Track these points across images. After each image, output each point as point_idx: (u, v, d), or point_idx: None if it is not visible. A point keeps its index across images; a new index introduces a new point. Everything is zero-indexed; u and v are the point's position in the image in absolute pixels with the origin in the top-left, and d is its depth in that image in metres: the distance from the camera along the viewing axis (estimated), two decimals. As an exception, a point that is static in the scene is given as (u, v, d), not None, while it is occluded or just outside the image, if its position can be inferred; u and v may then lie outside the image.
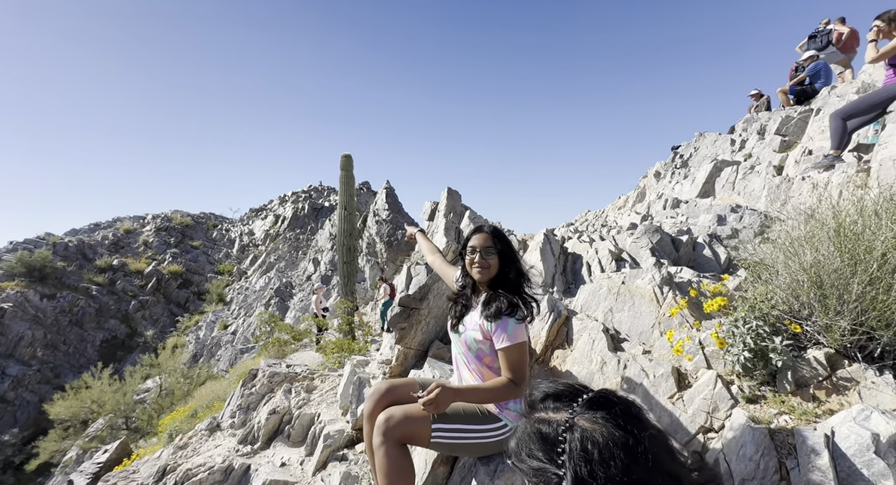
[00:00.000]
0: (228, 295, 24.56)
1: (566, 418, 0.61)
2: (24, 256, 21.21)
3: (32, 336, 18.93)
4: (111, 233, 29.01)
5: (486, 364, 1.70)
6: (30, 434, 16.76)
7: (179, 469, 2.82)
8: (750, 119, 8.30)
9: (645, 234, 3.78)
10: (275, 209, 35.23)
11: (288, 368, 4.75)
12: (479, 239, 1.72)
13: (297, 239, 27.40)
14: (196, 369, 16.69)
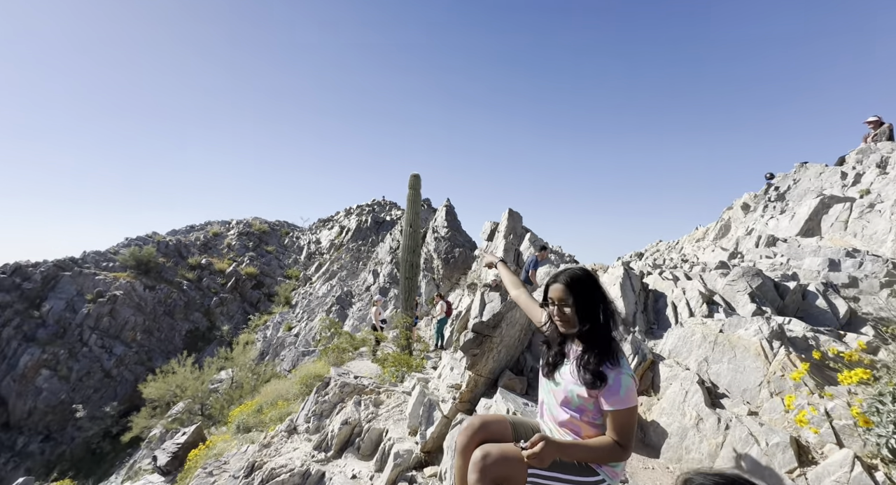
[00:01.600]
0: (294, 299, 26.32)
1: None
2: (135, 251, 24.63)
3: (135, 322, 21.73)
4: (202, 235, 32.74)
5: (587, 421, 1.62)
6: (124, 409, 19.05)
7: (265, 467, 3.05)
8: (866, 150, 7.33)
9: (742, 276, 3.46)
10: (340, 220, 37.48)
11: (356, 379, 4.95)
12: (556, 291, 1.62)
13: (359, 250, 28.78)
14: (262, 366, 17.97)
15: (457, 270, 21.27)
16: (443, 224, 23.82)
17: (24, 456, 17.21)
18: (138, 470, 13.51)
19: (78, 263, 24.04)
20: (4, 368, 18.55)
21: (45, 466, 17.06)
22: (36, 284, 21.45)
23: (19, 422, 18.03)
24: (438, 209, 25.13)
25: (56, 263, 22.94)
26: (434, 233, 23.12)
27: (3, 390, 18.17)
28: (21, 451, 17.30)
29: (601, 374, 1.52)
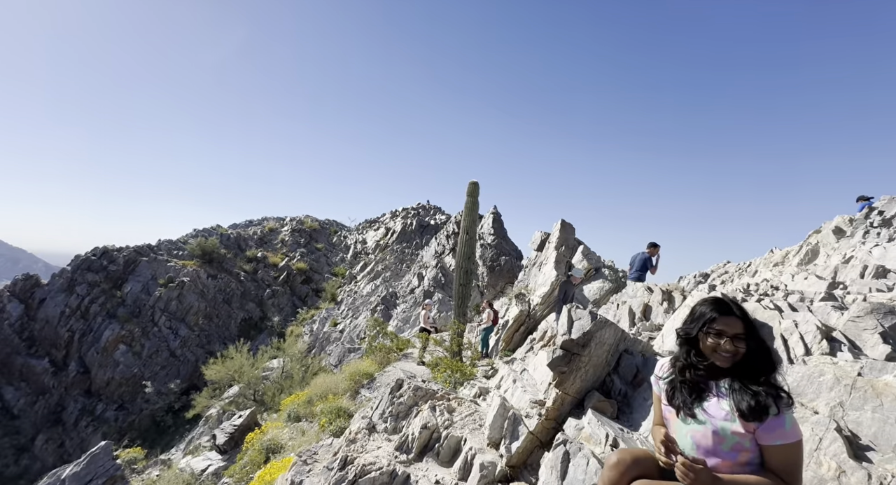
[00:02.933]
0: (340, 296, 27.30)
1: None
2: (202, 241, 26.74)
3: (198, 307, 23.53)
4: (259, 229, 34.92)
5: (743, 463, 1.54)
6: (185, 387, 20.63)
7: (356, 463, 3.18)
8: None
9: (871, 313, 3.15)
10: (386, 222, 38.49)
11: (424, 383, 5.04)
12: (730, 324, 1.53)
13: (403, 252, 29.36)
14: (310, 359, 18.76)
15: (502, 279, 21.09)
16: (489, 231, 23.75)
17: (101, 421, 19.09)
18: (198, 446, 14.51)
19: (153, 249, 26.45)
20: (90, 339, 20.73)
21: (117, 431, 18.82)
22: (118, 266, 23.84)
23: (99, 390, 20.05)
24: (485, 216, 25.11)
25: (136, 249, 25.39)
26: (480, 240, 23.11)
27: (89, 360, 20.30)
28: (99, 416, 19.21)
29: (765, 406, 1.44)
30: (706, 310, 1.61)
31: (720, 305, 1.61)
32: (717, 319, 1.56)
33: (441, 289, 21.52)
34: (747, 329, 1.55)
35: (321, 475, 3.24)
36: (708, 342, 1.57)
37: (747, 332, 1.55)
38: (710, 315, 1.58)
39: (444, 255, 24.34)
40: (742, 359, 1.55)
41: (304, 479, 3.12)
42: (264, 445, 8.62)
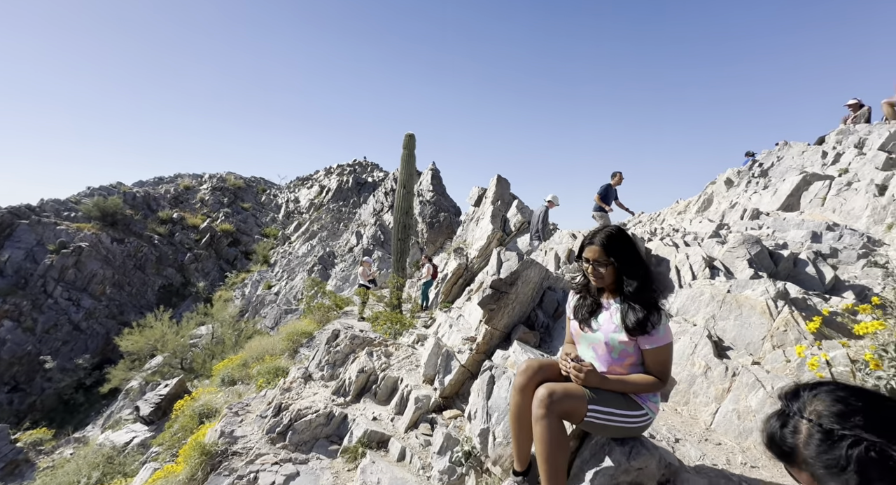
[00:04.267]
0: (273, 257, 25.90)
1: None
2: (100, 201, 23.20)
3: (103, 275, 20.89)
4: (172, 188, 31.08)
5: (628, 365, 1.80)
6: (97, 361, 18.74)
7: (291, 408, 3.18)
8: (845, 131, 7.71)
9: (742, 244, 3.73)
10: (320, 180, 36.35)
11: (362, 332, 5.09)
12: (591, 252, 1.77)
13: (340, 211, 28.27)
14: (243, 323, 17.93)
15: (441, 234, 21.39)
16: (428, 188, 23.58)
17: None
18: (118, 420, 13.56)
19: (35, 211, 22.47)
20: (-38, 318, 17.66)
21: (14, 415, 16.82)
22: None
23: (-16, 373, 17.48)
24: (424, 173, 24.75)
25: (10, 210, 21.35)
26: (419, 196, 22.92)
27: (-36, 341, 17.40)
28: (-12, 401, 16.92)
29: (645, 322, 1.69)
30: (581, 241, 1.83)
31: (589, 236, 1.82)
32: (584, 248, 1.78)
33: (381, 247, 21.35)
34: (607, 255, 1.75)
35: (254, 424, 3.21)
36: (582, 267, 1.84)
37: (608, 257, 1.75)
38: (581, 244, 1.83)
39: (382, 212, 23.89)
40: (617, 280, 1.78)
41: (236, 428, 3.07)
42: (196, 410, 8.28)
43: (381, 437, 3.13)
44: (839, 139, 7.42)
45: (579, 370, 1.71)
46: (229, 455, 2.70)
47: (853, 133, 7.33)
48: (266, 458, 2.70)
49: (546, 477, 1.65)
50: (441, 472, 2.63)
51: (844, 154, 6.71)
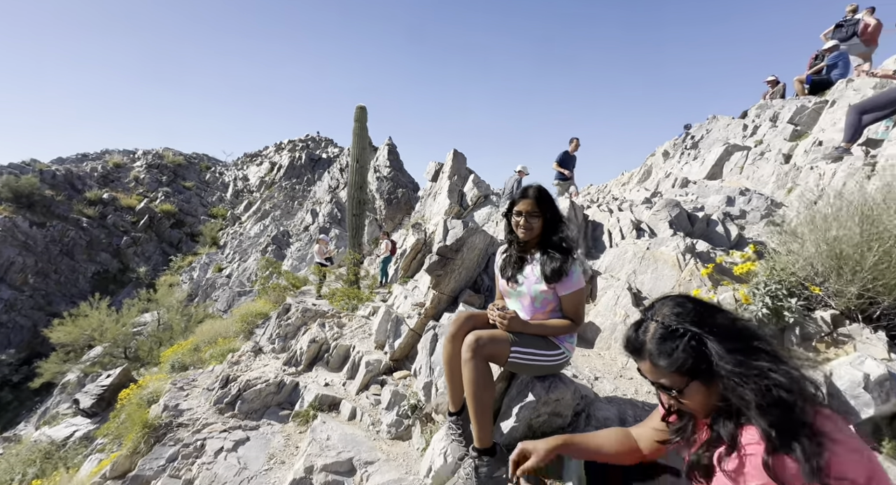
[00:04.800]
0: (222, 239, 24.54)
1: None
2: (11, 180, 20.54)
3: (23, 263, 18.83)
4: (100, 165, 28.07)
5: (548, 311, 2.00)
6: (24, 356, 17.19)
7: (240, 380, 3.18)
8: (764, 105, 8.44)
9: (665, 208, 4.09)
10: (270, 156, 34.36)
11: (314, 306, 5.08)
12: (525, 204, 1.92)
13: (294, 189, 27.08)
14: (193, 308, 17.08)
15: (400, 211, 21.21)
16: (385, 164, 23.07)
17: None
18: (55, 415, 12.69)
19: (-72, 193, 19.57)
20: None
21: (-71, 420, 15.22)
22: None
23: None
24: (380, 148, 24.11)
25: None
26: (376, 173, 22.42)
27: None
28: None
29: (561, 269, 1.88)
30: (515, 197, 1.96)
31: (521, 191, 1.97)
32: (517, 202, 1.92)
33: (338, 225, 20.86)
34: (539, 208, 1.91)
35: (200, 397, 3.18)
36: (512, 220, 1.98)
37: (539, 209, 1.91)
38: (514, 199, 1.97)
39: (338, 189, 23.19)
40: (543, 233, 1.95)
41: (181, 402, 3.03)
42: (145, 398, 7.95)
43: (332, 400, 3.23)
44: (758, 113, 8.12)
45: (503, 318, 1.87)
46: (174, 427, 2.69)
47: (770, 107, 8.03)
48: (214, 427, 2.71)
49: (473, 413, 1.82)
50: (389, 425, 2.79)
51: (761, 127, 7.38)
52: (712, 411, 0.90)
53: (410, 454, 2.55)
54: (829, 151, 4.81)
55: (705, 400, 0.89)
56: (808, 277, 2.10)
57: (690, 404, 0.91)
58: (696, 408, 0.91)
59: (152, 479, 2.18)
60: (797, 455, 0.73)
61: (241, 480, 2.29)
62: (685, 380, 0.88)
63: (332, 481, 2.22)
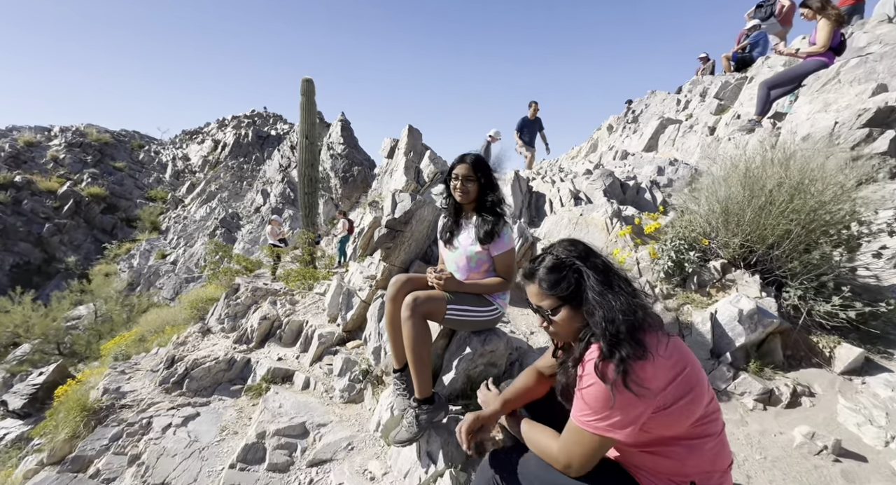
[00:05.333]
0: (164, 223, 22.86)
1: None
2: None
3: (-77, 258, 16.59)
4: (7, 144, 24.73)
5: (483, 271, 2.15)
6: (-61, 361, 15.43)
7: (187, 359, 3.13)
8: (696, 81, 9.02)
9: (599, 177, 4.38)
10: (213, 134, 31.89)
11: (265, 285, 5.01)
12: (462, 168, 2.05)
13: (241, 168, 25.52)
14: (136, 297, 16.02)
15: (356, 189, 20.73)
16: (338, 140, 22.25)
17: None
18: (-16, 420, 11.68)
19: None
20: None
21: None
22: None
23: None
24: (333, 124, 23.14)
25: None
26: (329, 150, 21.61)
27: None
28: None
29: (493, 231, 2.03)
30: (453, 161, 2.08)
31: (460, 157, 2.08)
32: (455, 166, 2.03)
33: (291, 205, 20.08)
34: (475, 173, 2.03)
35: (144, 379, 3.11)
36: (451, 184, 2.09)
37: (475, 174, 2.03)
38: (452, 164, 2.08)
39: (290, 168, 22.17)
40: (478, 197, 2.08)
41: (122, 385, 2.95)
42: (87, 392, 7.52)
43: (285, 373, 3.28)
44: (690, 89, 8.68)
45: (439, 279, 2.00)
46: (117, 409, 2.63)
47: (701, 83, 8.60)
48: (161, 405, 2.69)
49: (413, 366, 1.96)
50: (342, 390, 2.90)
51: (692, 102, 7.92)
52: (576, 334, 1.09)
53: (363, 415, 2.69)
54: (744, 123, 5.30)
55: (570, 323, 1.07)
56: (704, 233, 2.41)
57: (559, 325, 1.09)
58: (563, 329, 1.10)
59: (95, 458, 2.16)
60: (615, 360, 0.94)
61: (192, 451, 2.32)
62: (559, 303, 1.06)
63: (284, 444, 2.32)
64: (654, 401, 0.96)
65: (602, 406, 0.97)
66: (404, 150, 16.83)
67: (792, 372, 2.00)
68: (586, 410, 1.00)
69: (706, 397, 1.03)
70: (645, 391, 0.94)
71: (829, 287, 2.01)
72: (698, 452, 1.03)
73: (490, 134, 8.87)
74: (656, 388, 0.95)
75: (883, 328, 2.01)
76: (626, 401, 0.95)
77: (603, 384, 0.96)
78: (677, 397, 0.98)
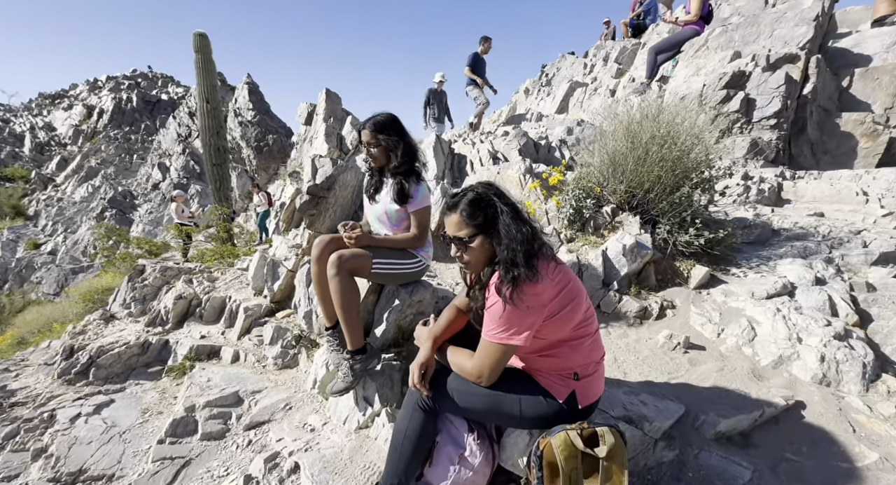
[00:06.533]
0: (31, 208, 19.11)
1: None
2: None
3: None
4: None
5: (404, 228, 2.26)
6: None
7: (90, 347, 2.84)
8: (600, 46, 9.66)
9: (515, 138, 4.64)
10: (84, 98, 26.59)
11: (176, 264, 4.62)
12: (365, 135, 2.11)
13: (128, 139, 21.92)
14: (4, 296, 13.55)
15: (273, 160, 19.14)
16: (247, 106, 20.04)
17: None
18: None
19: None
20: None
21: None
22: None
23: None
24: (238, 88, 20.72)
25: None
26: (237, 117, 19.45)
27: None
28: None
29: (406, 191, 2.13)
30: (357, 127, 2.12)
31: (362, 123, 2.14)
32: (360, 133, 2.08)
33: (198, 179, 18.01)
34: (377, 137, 2.09)
35: (38, 373, 2.77)
36: (362, 150, 2.11)
37: (377, 139, 2.09)
38: (357, 130, 2.10)
39: (191, 138, 19.63)
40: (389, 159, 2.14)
41: (9, 383, 2.61)
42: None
43: (211, 349, 3.15)
44: (595, 53, 9.29)
45: (350, 237, 2.06)
46: (6, 408, 2.35)
47: (604, 48, 9.24)
48: (64, 397, 2.45)
49: (344, 320, 2.04)
50: (275, 357, 2.90)
51: (596, 65, 8.52)
52: (485, 264, 1.26)
53: (298, 377, 2.74)
54: (637, 86, 5.89)
55: (481, 252, 1.24)
56: (597, 182, 2.75)
57: (473, 252, 1.24)
58: (475, 257, 1.26)
59: (-11, 460, 1.94)
60: (508, 279, 1.13)
61: (111, 436, 2.20)
62: (475, 232, 1.21)
63: (217, 414, 2.30)
64: (544, 311, 1.18)
65: (503, 320, 1.16)
66: (323, 116, 15.81)
67: (661, 292, 2.47)
68: (491, 324, 1.20)
69: (584, 306, 1.28)
70: (534, 303, 1.15)
71: (688, 222, 2.47)
72: (579, 349, 1.29)
73: (437, 79, 7.66)
74: (545, 300, 1.17)
75: (723, 251, 2.55)
76: (520, 313, 1.15)
77: (501, 301, 1.15)
78: (562, 306, 1.21)
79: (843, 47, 5.20)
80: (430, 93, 7.63)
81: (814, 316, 1.96)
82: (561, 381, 1.29)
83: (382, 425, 1.99)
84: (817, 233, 2.80)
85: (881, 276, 2.30)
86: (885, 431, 1.48)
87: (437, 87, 7.60)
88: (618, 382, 1.85)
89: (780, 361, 1.85)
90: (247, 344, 3.19)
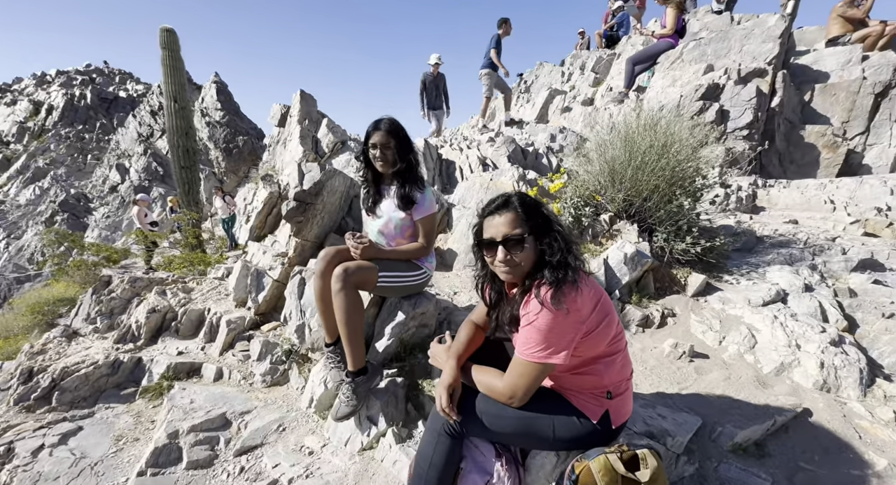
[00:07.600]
0: (-31, 212, 17.42)
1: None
2: None
3: None
4: None
5: (408, 236, 2.18)
6: None
7: (52, 369, 2.56)
8: (576, 55, 9.92)
9: (504, 144, 4.65)
10: (31, 93, 24.65)
11: (147, 274, 4.31)
12: (379, 136, 1.99)
13: (81, 138, 20.49)
14: (-60, 310, 12.24)
15: (243, 162, 18.41)
16: (215, 106, 19.20)
17: None
18: None
19: None
20: None
21: None
22: None
23: None
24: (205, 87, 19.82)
25: None
26: (205, 117, 18.60)
27: None
28: None
29: (413, 197, 2.05)
30: (368, 129, 2.02)
31: (373, 124, 2.03)
32: (371, 134, 1.98)
33: (162, 182, 17.06)
34: (394, 139, 2.00)
35: (-10, 401, 2.48)
36: (369, 154, 2.03)
37: (394, 142, 2.01)
38: (367, 132, 2.02)
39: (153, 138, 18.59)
40: (395, 164, 2.06)
41: (-44, 415, 2.31)
42: None
43: (191, 366, 2.93)
44: (572, 62, 9.53)
45: (356, 246, 1.96)
46: (-45, 444, 2.07)
47: (580, 57, 9.50)
48: (23, 427, 2.19)
49: (347, 338, 1.93)
50: (263, 374, 2.72)
51: (574, 74, 8.73)
52: (530, 268, 1.18)
53: (290, 395, 2.58)
54: (615, 95, 6.06)
55: (530, 254, 1.17)
56: (596, 190, 2.78)
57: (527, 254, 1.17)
58: (529, 259, 1.18)
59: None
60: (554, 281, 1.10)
61: (81, 469, 1.97)
62: (529, 232, 1.15)
63: (203, 439, 2.12)
64: (582, 327, 1.13)
65: (542, 337, 1.11)
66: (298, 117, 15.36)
67: (661, 300, 2.51)
68: (529, 342, 1.14)
69: (616, 319, 1.25)
70: (577, 316, 1.10)
71: (683, 230, 2.53)
72: (612, 366, 1.25)
73: (433, 61, 7.05)
74: (584, 316, 1.12)
75: (717, 259, 2.62)
76: (562, 328, 1.10)
77: (545, 314, 1.09)
78: (599, 321, 1.17)
79: (803, 64, 5.57)
80: (425, 77, 7.03)
81: (809, 323, 2.04)
82: (594, 400, 1.25)
83: (389, 447, 1.89)
84: (798, 240, 2.95)
85: (861, 282, 2.44)
86: (888, 436, 1.54)
87: (433, 71, 7.05)
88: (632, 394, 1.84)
89: (782, 368, 1.91)
90: (231, 360, 2.99)
